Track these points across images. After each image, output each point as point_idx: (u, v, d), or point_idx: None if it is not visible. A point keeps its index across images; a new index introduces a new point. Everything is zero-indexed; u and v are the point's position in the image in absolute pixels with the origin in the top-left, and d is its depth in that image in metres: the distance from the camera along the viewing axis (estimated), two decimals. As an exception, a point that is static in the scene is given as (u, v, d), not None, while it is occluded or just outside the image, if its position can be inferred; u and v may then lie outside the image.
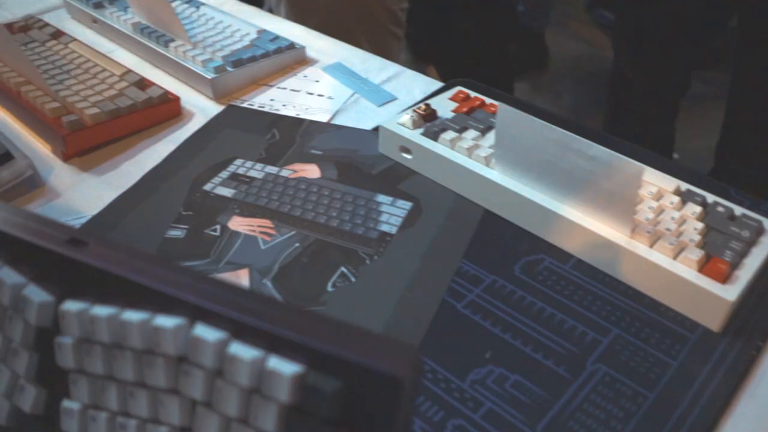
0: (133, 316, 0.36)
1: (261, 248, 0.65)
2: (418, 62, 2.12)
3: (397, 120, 0.75)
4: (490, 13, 1.83)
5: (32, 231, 0.41)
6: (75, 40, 0.96)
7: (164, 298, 0.36)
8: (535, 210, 0.65)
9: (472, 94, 0.80)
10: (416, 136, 0.73)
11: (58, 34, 0.98)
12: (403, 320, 0.58)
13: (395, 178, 0.73)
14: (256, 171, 0.75)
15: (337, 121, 0.83)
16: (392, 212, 0.68)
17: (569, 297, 0.60)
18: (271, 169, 0.75)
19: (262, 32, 0.96)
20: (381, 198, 0.70)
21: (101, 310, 0.37)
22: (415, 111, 0.75)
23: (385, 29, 1.22)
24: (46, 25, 1.00)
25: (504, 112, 0.63)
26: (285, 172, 0.74)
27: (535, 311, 0.59)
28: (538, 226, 0.66)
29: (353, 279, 0.61)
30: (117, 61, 0.91)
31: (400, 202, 0.70)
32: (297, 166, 0.75)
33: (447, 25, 1.83)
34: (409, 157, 0.74)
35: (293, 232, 0.66)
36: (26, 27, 1.00)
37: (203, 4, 1.06)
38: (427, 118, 0.75)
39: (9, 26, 0.99)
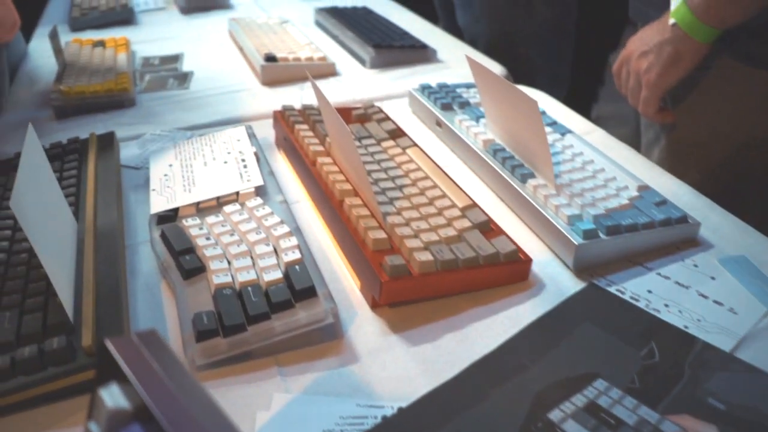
0: None
1: None
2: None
3: None
4: None
5: None
6: (414, 145, 0.81)
7: None
8: None
9: None
10: None
11: (397, 133, 0.84)
12: None
13: None
14: (626, 410, 0.52)
15: (743, 353, 0.57)
16: None
17: None
18: (648, 414, 0.52)
19: (644, 189, 0.73)
20: None
21: None
22: None
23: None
24: (386, 119, 0.86)
25: None
26: (668, 426, 0.51)
27: None
28: None
29: None
30: (459, 185, 0.73)
31: None
32: (687, 421, 0.51)
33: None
34: None
35: None
36: (365, 117, 0.87)
37: (570, 131, 0.85)
38: None
39: (346, 112, 0.87)
